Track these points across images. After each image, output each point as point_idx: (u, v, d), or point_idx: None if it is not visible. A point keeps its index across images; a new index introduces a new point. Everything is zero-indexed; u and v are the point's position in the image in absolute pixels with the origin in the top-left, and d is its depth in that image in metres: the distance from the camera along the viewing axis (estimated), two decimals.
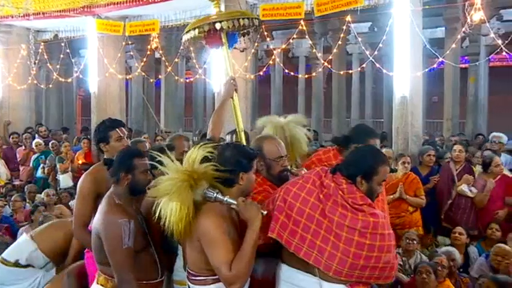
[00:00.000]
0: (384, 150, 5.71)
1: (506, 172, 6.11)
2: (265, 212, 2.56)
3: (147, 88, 15.24)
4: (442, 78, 11.35)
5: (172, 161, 2.63)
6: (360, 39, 10.57)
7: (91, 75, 10.22)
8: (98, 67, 10.09)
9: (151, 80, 13.33)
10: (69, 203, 6.99)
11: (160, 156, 2.66)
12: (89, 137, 10.10)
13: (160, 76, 13.76)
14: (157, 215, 2.55)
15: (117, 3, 9.03)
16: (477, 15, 7.13)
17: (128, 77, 11.29)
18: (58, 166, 8.69)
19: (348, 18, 7.99)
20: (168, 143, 3.92)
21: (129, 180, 2.93)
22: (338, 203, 2.57)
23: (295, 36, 9.35)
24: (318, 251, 2.53)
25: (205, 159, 2.61)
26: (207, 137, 3.43)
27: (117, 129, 3.47)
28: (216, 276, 2.50)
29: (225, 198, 2.55)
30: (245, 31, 3.46)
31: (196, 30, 3.33)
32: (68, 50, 11.05)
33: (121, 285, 2.81)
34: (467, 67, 13.27)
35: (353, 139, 3.33)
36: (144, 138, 8.40)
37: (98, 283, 3.01)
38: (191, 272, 2.62)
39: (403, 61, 7.10)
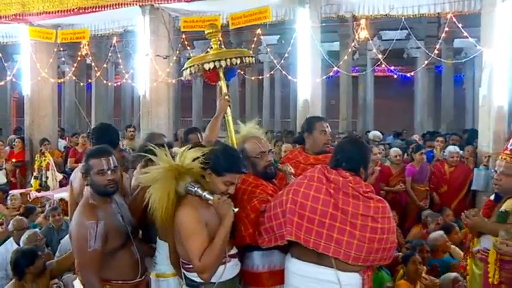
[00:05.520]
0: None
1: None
2: (236, 210, 2.50)
3: (79, 91, 14.89)
4: (338, 84, 12.02)
5: (167, 155, 2.58)
6: (269, 49, 10.96)
7: (24, 79, 9.81)
8: (30, 71, 9.72)
9: (82, 84, 12.93)
10: (7, 199, 6.65)
11: (155, 149, 2.59)
12: (22, 136, 9.68)
13: (90, 80, 13.44)
14: (147, 201, 2.52)
15: (49, 12, 8.79)
16: (363, 33, 7.84)
17: (60, 81, 10.88)
18: None
19: (259, 31, 8.25)
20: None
21: (87, 181, 2.66)
22: (349, 194, 2.53)
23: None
24: (335, 242, 2.47)
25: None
26: (203, 142, 3.19)
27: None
28: None
29: (204, 194, 2.51)
30: (241, 65, 3.23)
31: (196, 67, 3.13)
32: (0, 55, 10.56)
33: (85, 286, 2.61)
34: (357, 76, 14.16)
35: (306, 130, 3.43)
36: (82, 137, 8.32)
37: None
38: (184, 261, 2.57)
39: (305, 69, 7.39)
